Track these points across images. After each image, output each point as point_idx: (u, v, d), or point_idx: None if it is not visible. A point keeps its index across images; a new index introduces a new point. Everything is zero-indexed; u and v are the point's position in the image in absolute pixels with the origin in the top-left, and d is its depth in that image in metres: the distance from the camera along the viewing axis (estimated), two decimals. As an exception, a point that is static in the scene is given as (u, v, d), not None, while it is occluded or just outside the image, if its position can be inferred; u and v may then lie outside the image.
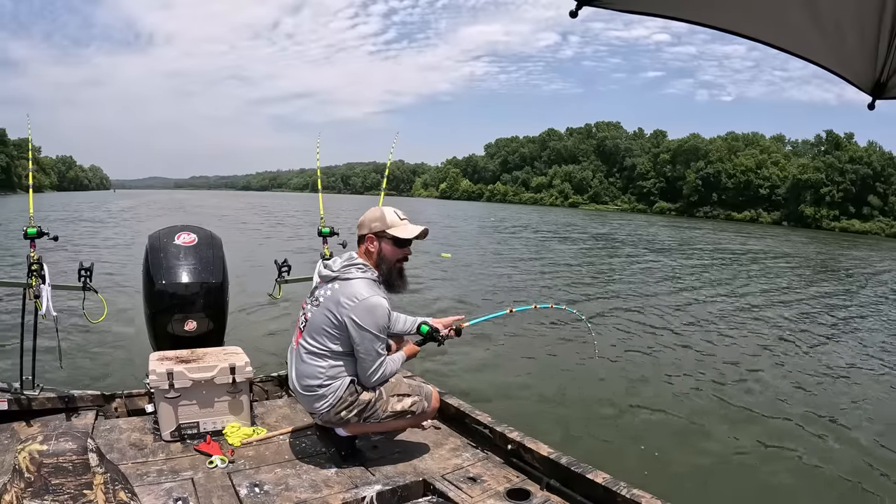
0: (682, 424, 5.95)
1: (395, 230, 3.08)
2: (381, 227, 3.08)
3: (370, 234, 3.10)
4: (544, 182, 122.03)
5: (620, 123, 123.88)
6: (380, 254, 3.10)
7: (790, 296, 14.90)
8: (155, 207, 49.34)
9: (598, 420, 5.97)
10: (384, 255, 3.10)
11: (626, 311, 11.21)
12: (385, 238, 3.09)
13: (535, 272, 16.77)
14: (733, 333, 10.03)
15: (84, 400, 3.63)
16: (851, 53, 2.21)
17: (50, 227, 3.74)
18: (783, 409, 6.50)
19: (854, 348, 9.63)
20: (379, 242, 3.10)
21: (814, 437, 5.79)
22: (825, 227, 72.97)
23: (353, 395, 3.01)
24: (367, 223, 3.11)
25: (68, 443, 1.71)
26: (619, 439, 5.55)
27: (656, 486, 2.90)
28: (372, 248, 3.10)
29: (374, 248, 3.10)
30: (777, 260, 25.99)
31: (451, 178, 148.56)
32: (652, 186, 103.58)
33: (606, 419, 6.00)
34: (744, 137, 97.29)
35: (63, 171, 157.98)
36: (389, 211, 3.13)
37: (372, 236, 3.10)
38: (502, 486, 2.96)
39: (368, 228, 3.10)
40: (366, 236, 3.12)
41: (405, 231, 3.10)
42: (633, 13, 2.20)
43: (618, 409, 6.27)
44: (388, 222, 3.09)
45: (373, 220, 3.10)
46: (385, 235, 3.08)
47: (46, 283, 3.48)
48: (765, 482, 4.90)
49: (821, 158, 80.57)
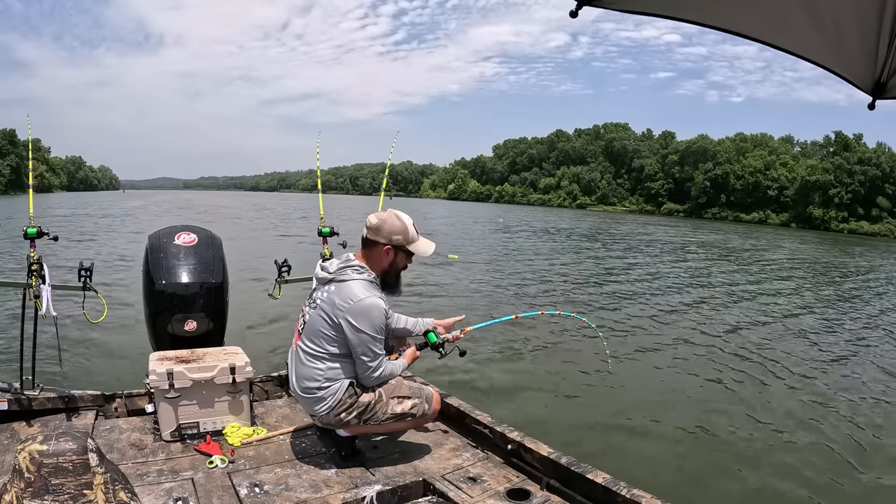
0: (685, 425, 5.92)
1: (414, 246, 3.11)
2: (402, 241, 3.08)
3: (389, 245, 3.07)
4: (552, 183, 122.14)
5: (629, 125, 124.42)
6: (392, 264, 3.11)
7: (801, 300, 14.84)
8: (161, 208, 49.65)
9: (600, 421, 5.95)
10: (395, 265, 3.12)
11: (637, 317, 11.14)
12: (401, 251, 3.10)
13: (543, 275, 16.70)
14: (741, 337, 9.99)
15: (84, 400, 3.63)
16: (851, 53, 2.21)
17: (54, 227, 3.75)
18: (786, 410, 6.47)
19: (880, 362, 9.07)
20: (395, 254, 3.10)
21: (817, 441, 5.76)
22: (833, 228, 72.64)
23: (352, 397, 3.01)
24: (387, 234, 3.07)
25: (68, 443, 1.71)
26: (620, 440, 5.54)
27: (656, 487, 2.89)
28: (386, 259, 3.09)
29: (389, 258, 3.09)
30: (786, 262, 25.89)
31: (460, 180, 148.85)
32: (660, 188, 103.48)
33: (609, 421, 5.98)
34: (752, 138, 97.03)
35: (72, 171, 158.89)
36: (410, 224, 3.12)
37: (390, 248, 3.08)
38: (502, 486, 2.94)
39: (388, 239, 3.07)
40: (381, 245, 3.08)
41: (424, 248, 3.15)
42: (634, 13, 2.20)
43: (622, 412, 6.23)
44: (411, 237, 3.09)
45: (394, 233, 3.07)
46: (403, 250, 3.10)
47: (46, 283, 3.47)
48: (765, 482, 4.88)
49: (829, 160, 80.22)
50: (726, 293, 14.86)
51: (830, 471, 5.14)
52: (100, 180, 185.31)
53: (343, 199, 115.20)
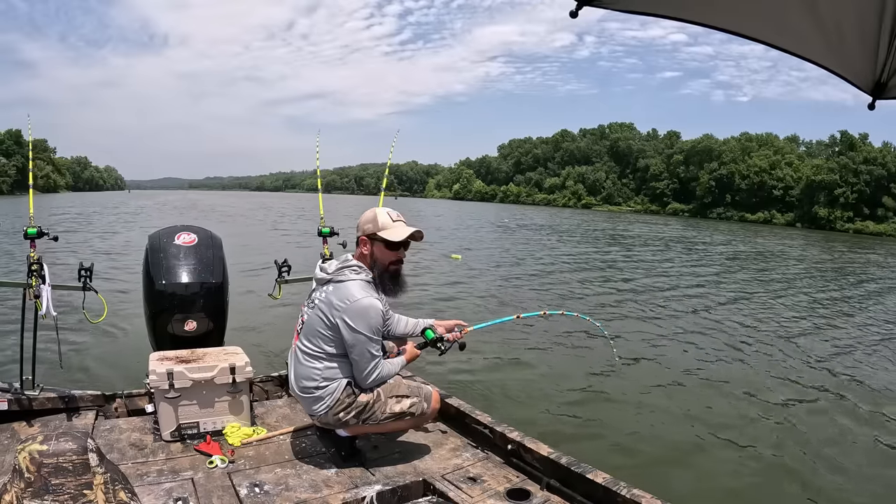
0: (688, 427, 5.91)
1: (385, 233, 3.05)
2: (372, 229, 3.06)
3: (363, 236, 3.09)
4: (557, 183, 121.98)
5: (634, 124, 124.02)
6: (372, 256, 3.09)
7: (803, 298, 14.79)
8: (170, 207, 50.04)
9: (603, 422, 5.94)
10: (377, 258, 3.09)
11: (643, 318, 11.09)
12: (377, 241, 3.07)
13: (545, 275, 16.61)
14: (750, 339, 9.94)
15: (84, 400, 3.65)
16: (851, 53, 2.20)
17: (63, 225, 3.76)
18: (791, 412, 6.45)
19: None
20: (371, 245, 3.08)
21: (820, 444, 5.73)
22: (839, 228, 72.32)
23: (350, 396, 3.01)
24: (361, 225, 3.11)
25: (68, 443, 1.72)
26: (621, 441, 5.53)
27: (656, 486, 2.89)
28: (365, 251, 3.10)
29: (367, 250, 3.09)
30: (793, 262, 25.82)
31: (465, 180, 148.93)
32: (665, 187, 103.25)
33: (612, 422, 5.95)
34: (757, 138, 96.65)
35: (78, 171, 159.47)
36: (382, 212, 3.10)
37: (365, 238, 3.09)
38: (502, 486, 2.95)
39: (361, 230, 3.10)
40: (360, 238, 3.12)
41: (395, 233, 3.06)
42: (634, 13, 2.20)
43: (626, 413, 6.22)
44: (380, 224, 3.06)
45: (365, 223, 3.09)
46: (377, 238, 3.06)
47: (46, 283, 3.49)
48: (766, 483, 4.87)
49: (835, 159, 79.83)
50: (733, 294, 14.81)
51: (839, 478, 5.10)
52: (105, 180, 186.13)
53: (348, 199, 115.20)
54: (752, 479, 4.92)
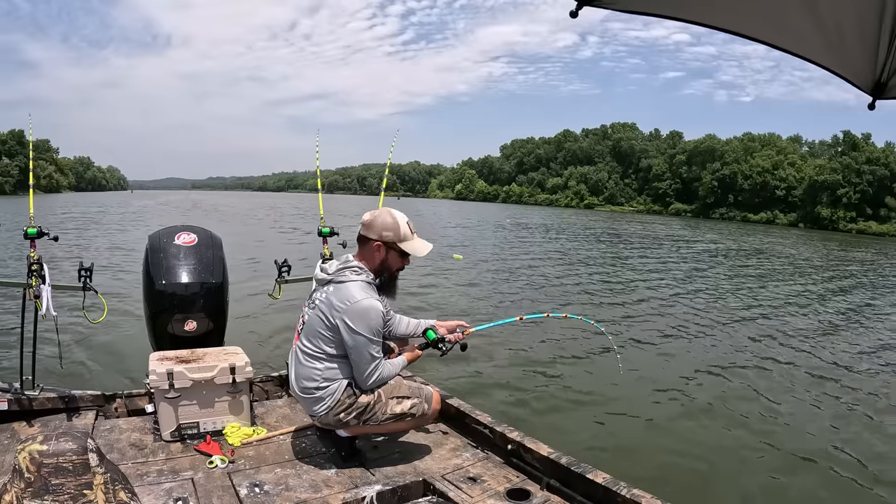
0: (688, 427, 5.92)
1: (406, 245, 3.06)
2: (393, 238, 3.04)
3: (379, 242, 3.05)
4: (560, 183, 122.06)
5: (636, 124, 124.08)
6: (384, 262, 3.08)
7: (807, 299, 14.76)
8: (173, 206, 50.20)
9: (602, 423, 5.93)
10: (388, 264, 3.09)
11: (646, 320, 11.04)
12: (394, 249, 3.07)
13: (549, 276, 16.56)
14: (755, 340, 9.92)
15: (84, 400, 3.65)
16: (851, 53, 2.20)
17: (68, 225, 3.77)
18: (795, 413, 6.44)
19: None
20: (386, 252, 3.07)
21: (820, 444, 5.72)
22: (841, 228, 72.20)
23: (350, 397, 3.00)
24: (378, 230, 3.05)
25: (68, 443, 1.72)
26: (622, 441, 5.53)
27: (656, 486, 2.88)
28: (378, 256, 3.07)
29: (380, 255, 3.06)
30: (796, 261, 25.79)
31: (467, 180, 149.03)
32: (667, 188, 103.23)
33: (614, 423, 5.96)
34: (760, 138, 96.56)
35: (81, 171, 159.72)
36: (403, 221, 3.08)
37: (381, 244, 3.05)
38: (502, 486, 2.94)
39: (378, 235, 3.05)
40: (372, 242, 3.06)
41: (417, 248, 3.09)
42: (634, 13, 2.20)
43: (630, 415, 6.21)
44: (402, 235, 3.05)
45: (384, 229, 3.04)
46: (395, 248, 3.06)
47: (46, 283, 3.48)
48: (765, 483, 4.86)
49: (837, 159, 79.74)
50: (738, 295, 14.74)
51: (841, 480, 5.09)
52: (108, 180, 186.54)
53: (350, 199, 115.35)
54: (753, 479, 4.91)
